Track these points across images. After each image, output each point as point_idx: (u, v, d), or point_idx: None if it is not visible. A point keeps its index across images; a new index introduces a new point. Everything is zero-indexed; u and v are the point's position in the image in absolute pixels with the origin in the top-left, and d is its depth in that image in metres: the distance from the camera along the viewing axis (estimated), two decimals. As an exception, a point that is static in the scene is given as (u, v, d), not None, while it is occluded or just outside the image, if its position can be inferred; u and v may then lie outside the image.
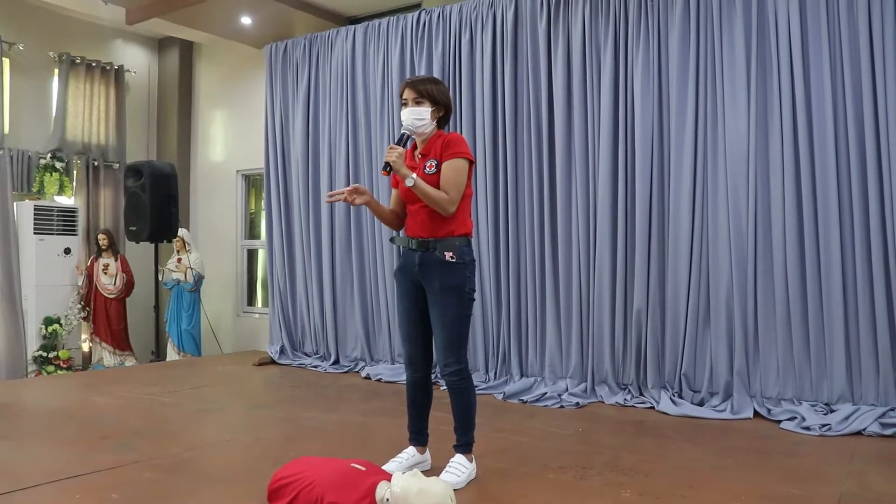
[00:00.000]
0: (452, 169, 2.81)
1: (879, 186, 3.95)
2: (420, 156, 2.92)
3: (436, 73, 5.40)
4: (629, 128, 4.66)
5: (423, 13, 5.63)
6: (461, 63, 5.39)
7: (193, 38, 7.87)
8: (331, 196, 2.93)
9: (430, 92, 2.87)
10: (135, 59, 7.99)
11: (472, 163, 2.89)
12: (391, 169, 2.78)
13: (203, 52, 8.05)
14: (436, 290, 2.84)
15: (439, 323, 2.85)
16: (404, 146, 2.83)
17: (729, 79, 4.36)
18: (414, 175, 2.76)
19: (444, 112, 2.93)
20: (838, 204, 4.07)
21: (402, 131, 2.87)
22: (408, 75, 5.65)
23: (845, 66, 4.04)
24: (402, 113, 2.89)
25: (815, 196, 4.13)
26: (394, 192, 3.06)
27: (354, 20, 6.68)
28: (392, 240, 3.13)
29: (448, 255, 2.82)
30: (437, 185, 2.80)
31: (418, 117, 2.84)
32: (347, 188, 2.89)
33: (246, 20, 6.62)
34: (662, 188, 4.60)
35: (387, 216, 3.06)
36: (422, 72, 5.53)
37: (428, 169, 2.84)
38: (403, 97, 2.90)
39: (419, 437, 3.05)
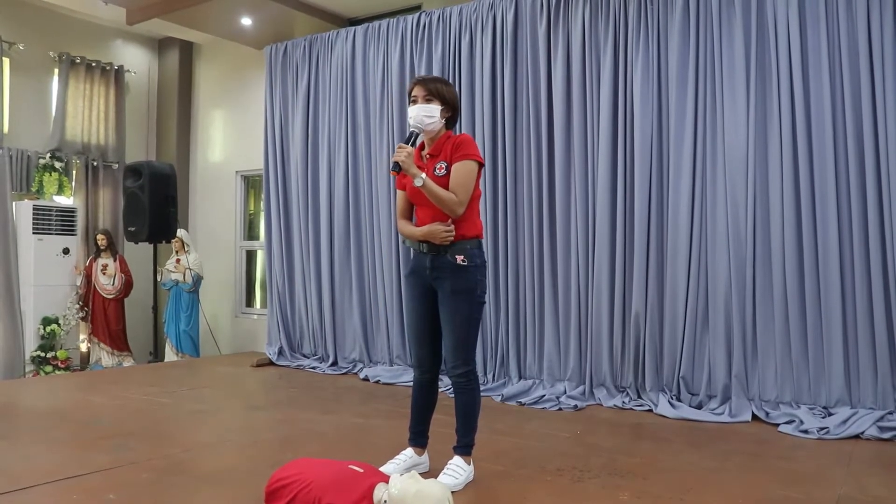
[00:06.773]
0: (462, 170, 2.80)
1: (878, 191, 3.96)
2: (428, 156, 2.91)
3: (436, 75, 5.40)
4: (628, 130, 4.66)
5: (423, 15, 5.63)
6: (461, 65, 5.39)
7: (193, 39, 7.89)
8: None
9: (440, 91, 2.87)
10: (135, 60, 7.99)
11: (481, 165, 2.88)
12: (400, 169, 2.76)
13: (203, 52, 8.05)
14: (447, 292, 2.84)
15: (449, 324, 2.85)
16: (413, 145, 2.81)
17: (728, 82, 4.36)
18: (423, 175, 2.74)
19: (451, 113, 2.92)
20: (837, 208, 4.07)
21: (410, 129, 2.86)
22: (407, 77, 5.65)
23: (844, 69, 4.05)
24: (409, 110, 2.87)
25: (814, 200, 4.13)
26: (400, 194, 3.02)
27: (354, 21, 6.69)
28: (405, 241, 3.10)
29: (459, 258, 2.82)
30: (446, 187, 2.79)
31: (427, 114, 2.83)
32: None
33: (246, 21, 6.62)
34: (661, 191, 4.61)
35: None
36: (421, 73, 5.53)
37: (438, 171, 2.83)
38: (413, 94, 2.88)
39: (419, 438, 3.04)
